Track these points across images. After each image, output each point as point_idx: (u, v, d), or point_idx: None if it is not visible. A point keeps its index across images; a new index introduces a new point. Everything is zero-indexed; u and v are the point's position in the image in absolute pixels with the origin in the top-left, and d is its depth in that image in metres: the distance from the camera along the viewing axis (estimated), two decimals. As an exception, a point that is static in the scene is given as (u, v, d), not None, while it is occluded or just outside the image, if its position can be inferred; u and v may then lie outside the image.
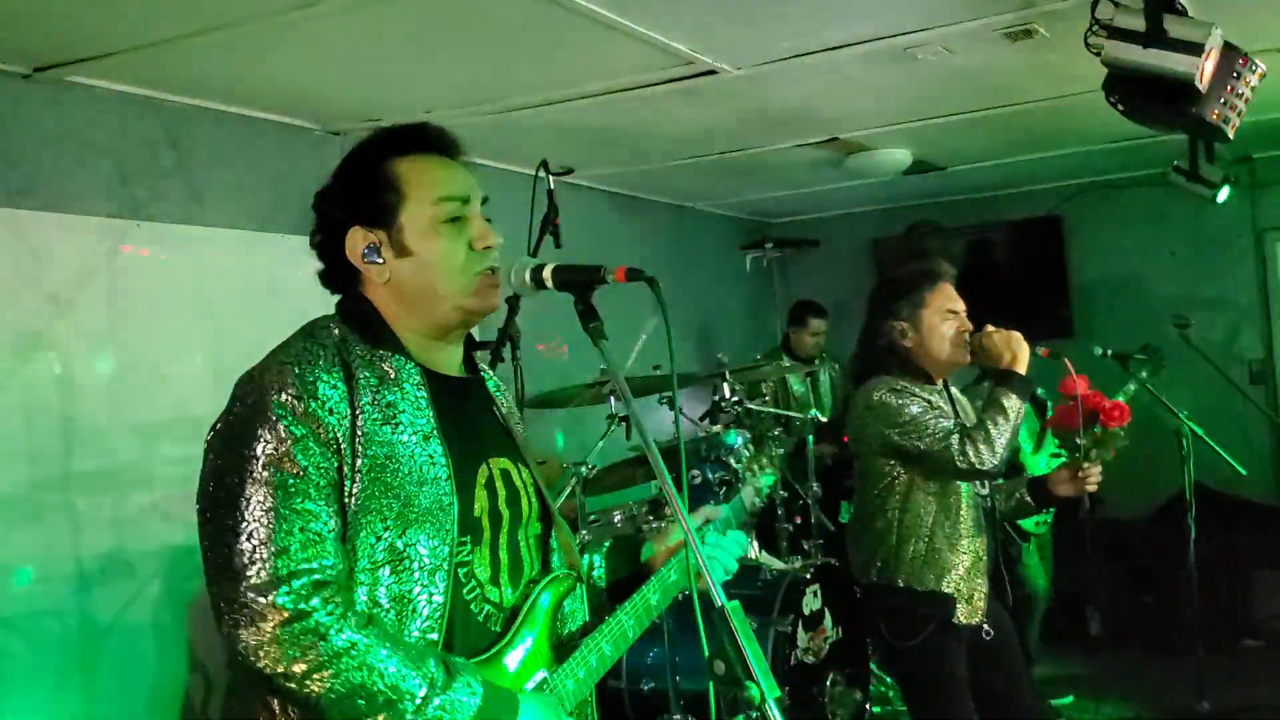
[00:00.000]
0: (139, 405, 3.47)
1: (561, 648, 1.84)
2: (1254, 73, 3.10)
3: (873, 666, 4.60)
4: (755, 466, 2.40)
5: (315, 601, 1.52)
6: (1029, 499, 3.39)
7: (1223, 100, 3.08)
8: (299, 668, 1.51)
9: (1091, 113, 4.20)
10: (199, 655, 3.52)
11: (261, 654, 1.51)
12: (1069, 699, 5.28)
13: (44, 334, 3.25)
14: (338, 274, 1.81)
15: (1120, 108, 3.22)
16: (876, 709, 4.65)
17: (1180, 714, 4.95)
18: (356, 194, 1.78)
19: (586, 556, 2.10)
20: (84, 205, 3.38)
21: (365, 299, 1.79)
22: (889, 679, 4.92)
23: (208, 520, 1.59)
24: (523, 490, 1.86)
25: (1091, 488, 3.24)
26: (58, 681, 3.22)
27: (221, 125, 3.82)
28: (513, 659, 1.75)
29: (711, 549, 2.08)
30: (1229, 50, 3.03)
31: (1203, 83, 2.94)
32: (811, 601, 4.08)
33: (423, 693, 1.54)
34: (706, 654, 1.50)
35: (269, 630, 1.50)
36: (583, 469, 4.02)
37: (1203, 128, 3.14)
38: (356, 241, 1.76)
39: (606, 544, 2.12)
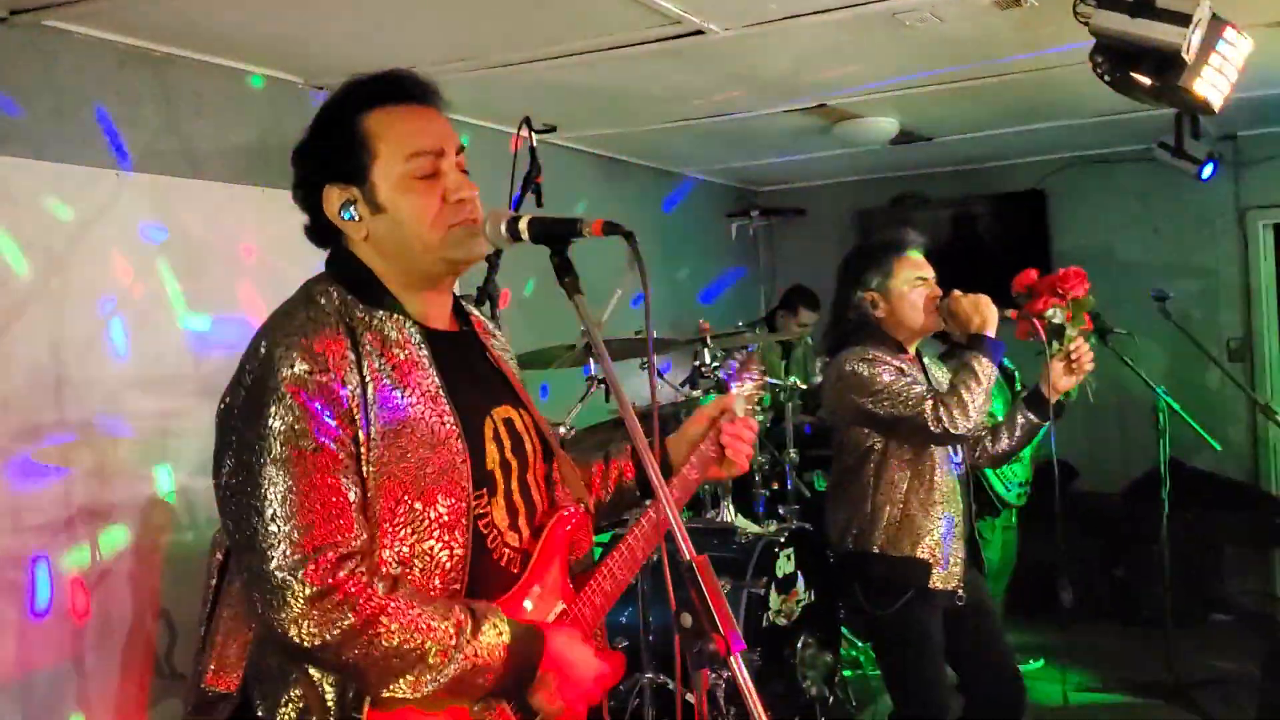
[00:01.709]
0: (119, 357, 3.45)
1: (578, 578, 1.88)
2: (1241, 45, 3.10)
3: (844, 630, 4.64)
4: (745, 374, 2.34)
5: (341, 574, 1.55)
6: (1033, 416, 3.30)
7: (1209, 73, 3.08)
8: (332, 639, 1.54)
9: (1079, 85, 4.21)
10: (165, 603, 3.53)
11: (295, 631, 1.54)
12: (1039, 663, 5.35)
13: (25, 284, 3.22)
14: (322, 229, 1.79)
15: (1106, 78, 3.22)
16: (848, 672, 4.69)
17: (1148, 685, 5.02)
18: (328, 150, 1.76)
19: (619, 462, 2.13)
20: (63, 154, 3.34)
21: (355, 257, 1.77)
22: (860, 643, 4.97)
23: (230, 500, 1.60)
24: (525, 435, 1.87)
25: (1089, 366, 3.22)
26: (36, 630, 3.22)
27: (206, 77, 3.78)
28: (532, 596, 1.79)
29: (727, 428, 2.10)
30: (1217, 22, 3.03)
31: (1189, 54, 2.95)
32: (785, 565, 4.10)
33: (453, 641, 1.58)
34: (674, 607, 1.50)
35: (299, 607, 1.53)
36: (561, 429, 4.02)
37: (1188, 100, 3.14)
38: (332, 199, 1.74)
39: (629, 447, 2.14)
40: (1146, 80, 3.13)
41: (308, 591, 1.52)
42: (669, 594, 1.53)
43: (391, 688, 1.57)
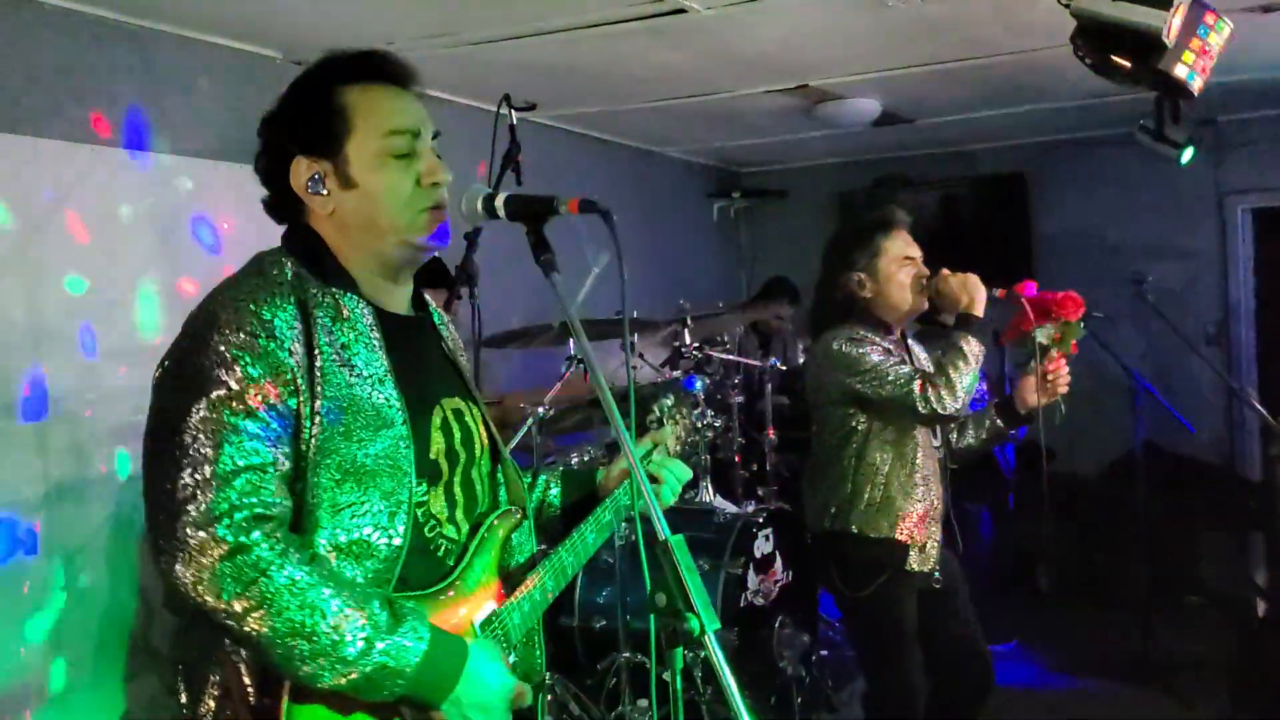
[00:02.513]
0: (94, 333, 3.43)
1: (509, 581, 1.86)
2: (1221, 30, 3.10)
3: (821, 610, 4.66)
4: (675, 417, 2.38)
5: (256, 535, 1.49)
6: (999, 421, 3.36)
7: (1189, 56, 3.08)
8: (239, 605, 1.47)
9: (1060, 68, 4.21)
10: (144, 582, 3.52)
11: (200, 589, 1.47)
12: (1010, 644, 5.37)
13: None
14: (283, 202, 1.77)
15: (1087, 61, 3.22)
16: (824, 652, 4.71)
17: (1123, 666, 5.06)
18: (302, 122, 1.73)
19: (543, 478, 2.12)
20: (36, 127, 3.30)
21: (313, 231, 1.75)
22: (837, 623, 4.99)
23: (151, 456, 1.56)
24: (474, 428, 1.86)
25: (1063, 388, 3.25)
26: (14, 607, 3.21)
27: (183, 51, 3.74)
28: (463, 592, 1.76)
29: (657, 469, 2.11)
30: (1197, 5, 3.02)
31: (1170, 37, 2.94)
32: (763, 545, 4.12)
33: (365, 635, 1.52)
34: (649, 587, 1.50)
35: (207, 564, 1.47)
36: (540, 410, 4.01)
37: (1168, 83, 3.13)
38: (300, 171, 1.71)
39: (560, 468, 2.14)
40: (1127, 63, 3.12)
41: (219, 550, 1.47)
42: (645, 574, 1.52)
43: (294, 672, 1.51)
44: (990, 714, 3.45)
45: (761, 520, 4.15)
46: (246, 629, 1.49)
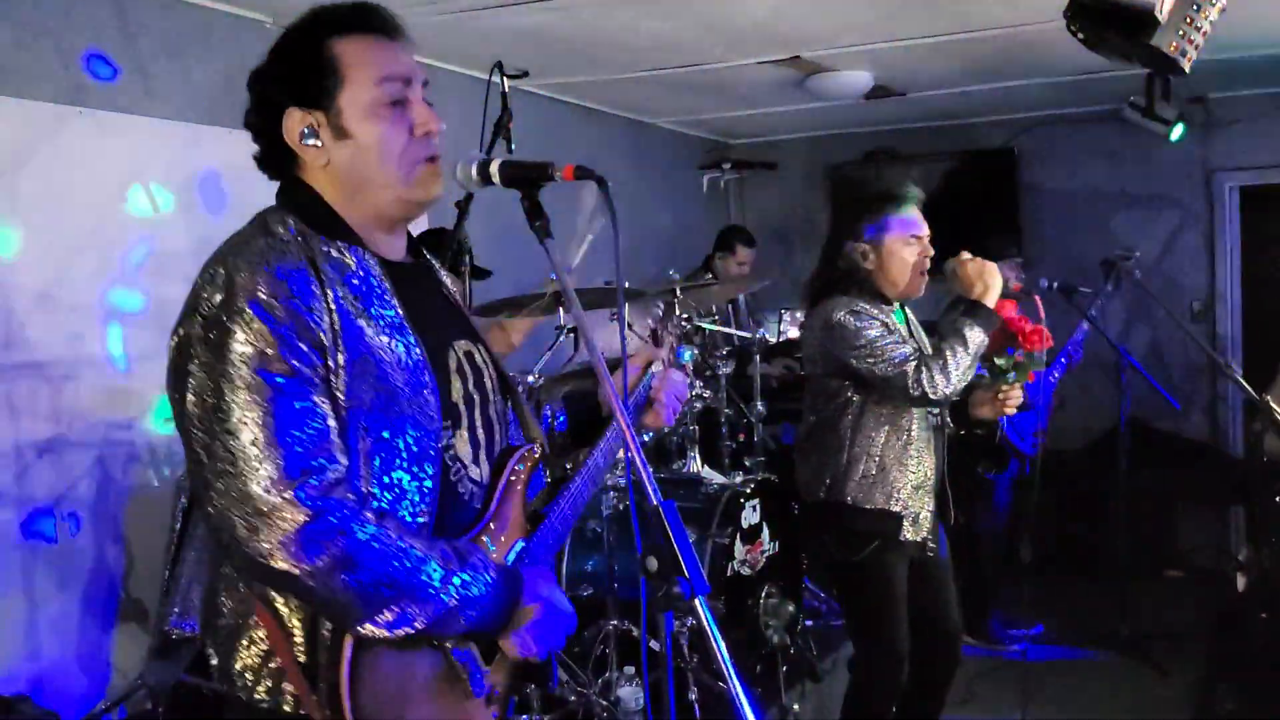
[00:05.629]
0: (79, 296, 3.42)
1: (533, 515, 1.89)
2: (1214, 5, 3.10)
3: (806, 580, 4.69)
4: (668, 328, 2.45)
5: (332, 500, 1.51)
6: (949, 421, 3.41)
7: (1181, 32, 3.07)
8: (323, 563, 1.48)
9: (1051, 43, 4.21)
10: (128, 535, 3.53)
11: (281, 556, 1.47)
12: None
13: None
14: (274, 156, 1.76)
15: (1080, 36, 3.21)
16: (809, 621, 4.74)
17: (1103, 637, 5.11)
18: (294, 73, 1.71)
19: (547, 409, 2.15)
20: (21, 88, 3.28)
21: (307, 185, 1.74)
22: (823, 593, 5.02)
23: (198, 429, 1.53)
24: (485, 369, 1.88)
25: (1010, 410, 3.29)
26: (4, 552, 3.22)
27: (171, 13, 3.72)
28: (495, 532, 1.79)
29: (656, 391, 2.17)
30: (1190, -18, 3.02)
31: (1162, 12, 2.94)
32: (750, 515, 4.14)
33: (440, 575, 1.56)
34: (640, 551, 1.52)
35: (289, 530, 1.47)
36: (529, 379, 4.01)
37: (1159, 59, 3.14)
38: (293, 123, 1.70)
39: (561, 394, 2.18)
40: (1119, 39, 3.12)
41: (300, 516, 1.47)
42: (636, 541, 1.54)
43: (376, 620, 1.52)
44: (963, 687, 3.48)
45: (749, 491, 4.17)
46: (332, 588, 1.49)
